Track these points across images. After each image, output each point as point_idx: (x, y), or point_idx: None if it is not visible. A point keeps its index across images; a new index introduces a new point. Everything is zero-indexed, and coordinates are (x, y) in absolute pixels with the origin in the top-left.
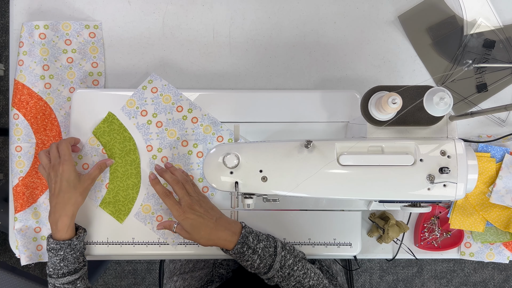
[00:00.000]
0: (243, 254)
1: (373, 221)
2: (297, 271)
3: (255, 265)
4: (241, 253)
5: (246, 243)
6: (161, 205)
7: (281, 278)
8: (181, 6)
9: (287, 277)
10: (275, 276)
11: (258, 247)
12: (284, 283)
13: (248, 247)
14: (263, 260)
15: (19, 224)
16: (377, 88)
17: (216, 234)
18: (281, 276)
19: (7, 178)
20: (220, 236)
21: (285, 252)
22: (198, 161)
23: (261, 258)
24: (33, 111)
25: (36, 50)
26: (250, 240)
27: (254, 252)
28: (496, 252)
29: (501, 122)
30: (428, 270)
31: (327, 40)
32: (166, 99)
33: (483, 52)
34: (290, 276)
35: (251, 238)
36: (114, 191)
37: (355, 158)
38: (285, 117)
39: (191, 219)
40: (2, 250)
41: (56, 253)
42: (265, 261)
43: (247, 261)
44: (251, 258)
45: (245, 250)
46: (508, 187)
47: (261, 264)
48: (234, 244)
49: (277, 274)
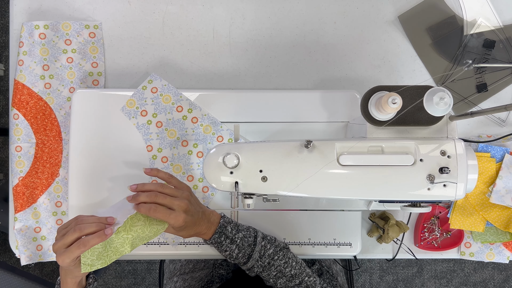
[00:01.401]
0: (221, 243)
1: (373, 221)
2: (277, 260)
3: (233, 254)
4: (218, 242)
5: (224, 233)
6: None
7: (261, 268)
8: (181, 6)
9: (267, 267)
10: (255, 266)
11: (237, 237)
12: (264, 273)
13: (226, 237)
14: (241, 250)
15: (19, 224)
16: (377, 88)
17: (199, 228)
18: (261, 266)
19: (7, 178)
20: (202, 231)
21: (265, 242)
22: (198, 161)
23: (240, 248)
24: (33, 111)
25: (36, 50)
26: (229, 230)
27: (232, 242)
28: (496, 252)
29: (501, 122)
30: (428, 270)
31: (327, 40)
32: (166, 99)
33: (483, 52)
34: (270, 266)
35: (230, 228)
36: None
37: (355, 158)
38: (285, 117)
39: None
40: (2, 250)
41: None
42: (243, 250)
43: (226, 251)
44: (229, 248)
45: (222, 240)
46: (508, 187)
47: (239, 253)
48: (212, 234)
49: (257, 263)
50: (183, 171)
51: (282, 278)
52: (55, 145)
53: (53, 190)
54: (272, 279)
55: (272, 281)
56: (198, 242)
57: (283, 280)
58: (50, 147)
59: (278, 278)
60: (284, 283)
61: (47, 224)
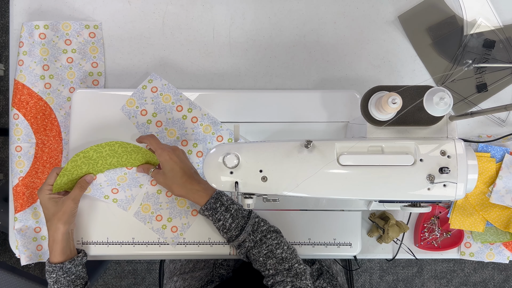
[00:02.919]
0: (216, 210)
1: (373, 221)
2: (270, 239)
3: (226, 224)
4: (213, 208)
5: (220, 200)
6: (160, 204)
7: (253, 242)
8: (181, 6)
9: (258, 243)
10: (247, 240)
11: (232, 207)
12: (255, 249)
13: (222, 204)
14: (235, 220)
15: (19, 224)
16: (377, 88)
17: (191, 184)
18: (252, 240)
19: (7, 178)
20: (195, 188)
21: (259, 219)
22: (197, 160)
23: (234, 218)
24: (33, 111)
25: (36, 50)
26: (224, 199)
27: (227, 210)
28: (496, 252)
29: (501, 122)
30: (428, 270)
31: (327, 40)
32: (166, 98)
33: (483, 52)
34: (262, 243)
35: (225, 198)
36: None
37: (355, 158)
38: (285, 117)
39: (173, 161)
40: (2, 250)
41: (50, 276)
42: (237, 221)
43: (219, 220)
44: (223, 216)
45: (217, 206)
46: (508, 187)
47: (233, 223)
48: (207, 198)
49: (249, 238)
50: None
51: (272, 259)
52: (55, 145)
53: None
54: (262, 258)
55: (262, 259)
56: (198, 242)
57: (272, 261)
58: (50, 147)
59: (268, 258)
60: (273, 264)
61: None
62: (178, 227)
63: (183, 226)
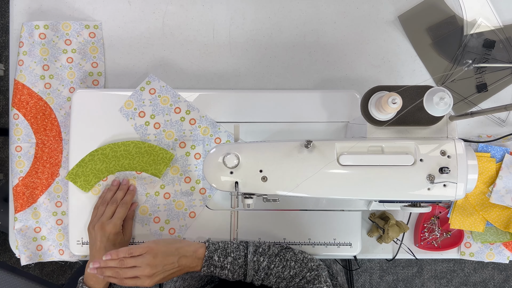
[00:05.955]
0: (212, 273)
1: (373, 221)
2: (274, 268)
3: (229, 277)
4: (209, 273)
5: (212, 264)
6: (158, 206)
7: (260, 280)
8: (181, 6)
9: (265, 278)
10: (254, 280)
11: (226, 263)
12: (265, 282)
13: (215, 267)
14: (234, 273)
15: (19, 224)
16: (377, 88)
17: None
18: (258, 279)
19: (7, 178)
20: (185, 265)
21: (257, 257)
22: (196, 162)
23: (232, 272)
24: (33, 111)
25: (36, 50)
26: (215, 259)
27: (222, 269)
28: (496, 252)
29: (501, 122)
30: (428, 270)
31: (327, 40)
32: (164, 100)
33: (483, 52)
34: (268, 276)
35: (216, 257)
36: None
37: (355, 158)
38: (285, 117)
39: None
40: (2, 250)
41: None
42: (236, 273)
43: (221, 276)
44: (222, 274)
45: (212, 270)
46: (508, 187)
47: (234, 275)
48: (200, 267)
49: (254, 278)
50: (181, 173)
51: (283, 281)
52: (55, 145)
53: (53, 190)
54: (274, 285)
55: (274, 286)
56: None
57: (284, 282)
58: (50, 147)
59: (279, 283)
60: (286, 284)
61: (47, 224)
62: (176, 229)
63: (181, 228)
